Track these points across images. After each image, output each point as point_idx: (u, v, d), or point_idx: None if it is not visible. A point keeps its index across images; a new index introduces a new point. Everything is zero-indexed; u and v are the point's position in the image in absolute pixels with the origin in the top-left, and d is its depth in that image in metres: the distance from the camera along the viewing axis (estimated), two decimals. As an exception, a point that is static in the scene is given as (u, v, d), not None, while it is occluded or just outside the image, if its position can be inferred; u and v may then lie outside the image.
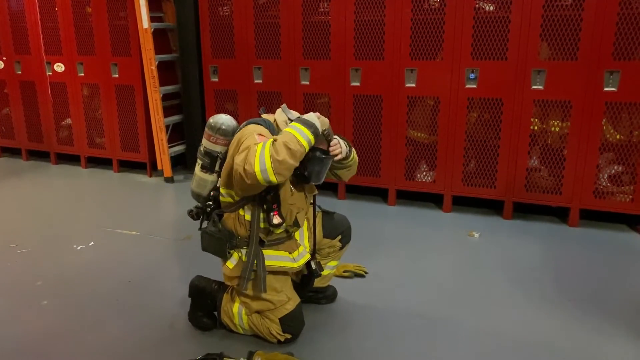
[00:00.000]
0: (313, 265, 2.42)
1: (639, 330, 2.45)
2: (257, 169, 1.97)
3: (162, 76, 4.82)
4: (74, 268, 3.16)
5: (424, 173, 4.11)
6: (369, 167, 4.23)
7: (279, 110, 2.32)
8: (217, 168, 2.37)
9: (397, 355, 2.28)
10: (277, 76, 4.35)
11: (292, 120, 2.16)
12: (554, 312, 2.62)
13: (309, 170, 2.16)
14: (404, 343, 2.37)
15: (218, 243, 2.31)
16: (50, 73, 5.32)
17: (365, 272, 3.03)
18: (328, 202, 4.20)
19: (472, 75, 3.74)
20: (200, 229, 2.40)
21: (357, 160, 2.43)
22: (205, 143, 2.40)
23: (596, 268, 3.11)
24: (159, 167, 4.95)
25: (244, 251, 2.27)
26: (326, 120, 2.20)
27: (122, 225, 3.85)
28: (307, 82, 4.25)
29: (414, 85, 3.92)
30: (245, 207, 2.24)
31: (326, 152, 2.19)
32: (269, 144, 2.01)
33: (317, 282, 2.61)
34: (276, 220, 2.18)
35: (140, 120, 5.02)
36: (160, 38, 4.99)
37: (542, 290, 2.83)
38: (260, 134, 2.15)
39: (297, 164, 2.04)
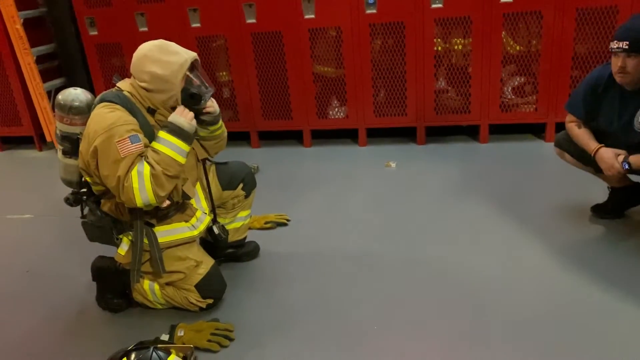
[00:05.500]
0: (216, 230, 2.25)
1: (549, 230, 2.56)
2: (139, 202, 1.86)
3: (31, 35, 4.21)
4: (-42, 266, 2.78)
5: (336, 109, 3.98)
6: (279, 110, 4.02)
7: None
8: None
9: (328, 302, 2.21)
10: (163, 21, 3.92)
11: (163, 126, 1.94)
12: (477, 229, 2.66)
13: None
14: (334, 286, 2.31)
15: (102, 232, 2.08)
16: None
17: (288, 220, 2.91)
18: (242, 153, 4.00)
19: (370, 0, 3.57)
20: (81, 217, 2.13)
21: (226, 137, 2.28)
22: (60, 126, 2.06)
23: (510, 179, 3.19)
24: (48, 139, 4.45)
25: (133, 234, 2.04)
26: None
27: (12, 209, 3.43)
28: (199, 25, 3.88)
29: (313, 16, 3.69)
30: None
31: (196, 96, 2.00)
32: (147, 175, 1.82)
33: (233, 236, 2.45)
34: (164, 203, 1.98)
35: (16, 88, 4.42)
36: (20, -10, 4.32)
37: (462, 209, 2.87)
38: (121, 140, 1.83)
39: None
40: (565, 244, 2.46)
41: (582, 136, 2.41)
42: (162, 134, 1.91)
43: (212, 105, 2.09)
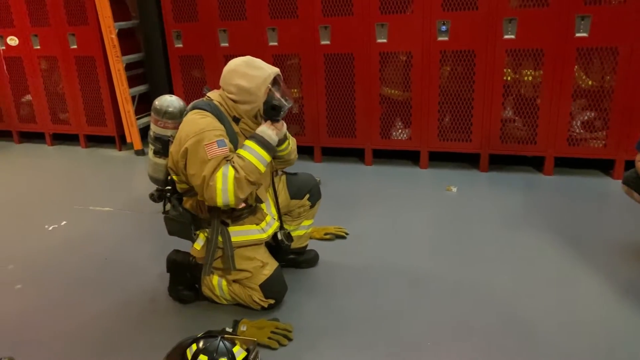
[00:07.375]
0: (279, 236, 2.38)
1: (610, 270, 2.52)
2: (219, 201, 2.03)
3: (123, 45, 4.61)
4: (46, 249, 3.06)
5: (400, 131, 4.07)
6: (344, 128, 4.16)
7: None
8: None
9: (382, 313, 2.29)
10: (243, 38, 4.19)
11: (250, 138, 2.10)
12: (534, 260, 2.66)
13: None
14: (387, 300, 2.38)
15: (182, 227, 2.27)
16: (4, 47, 5.03)
17: (346, 234, 3.01)
18: (304, 166, 4.15)
19: (443, 28, 3.66)
20: (163, 212, 2.34)
21: (293, 159, 2.41)
22: (154, 128, 2.28)
23: (573, 214, 3.15)
24: (128, 140, 4.80)
25: (209, 231, 2.22)
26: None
27: (94, 202, 3.73)
28: (276, 43, 4.11)
29: (385, 40, 3.82)
30: None
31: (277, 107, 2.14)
32: (231, 178, 1.99)
33: (296, 243, 2.58)
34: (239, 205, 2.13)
35: (105, 92, 4.82)
36: (118, 4, 4.72)
37: (522, 240, 2.86)
38: (210, 143, 2.01)
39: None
40: (626, 283, 2.41)
41: (653, 175, 2.38)
42: (250, 143, 2.09)
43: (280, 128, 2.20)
